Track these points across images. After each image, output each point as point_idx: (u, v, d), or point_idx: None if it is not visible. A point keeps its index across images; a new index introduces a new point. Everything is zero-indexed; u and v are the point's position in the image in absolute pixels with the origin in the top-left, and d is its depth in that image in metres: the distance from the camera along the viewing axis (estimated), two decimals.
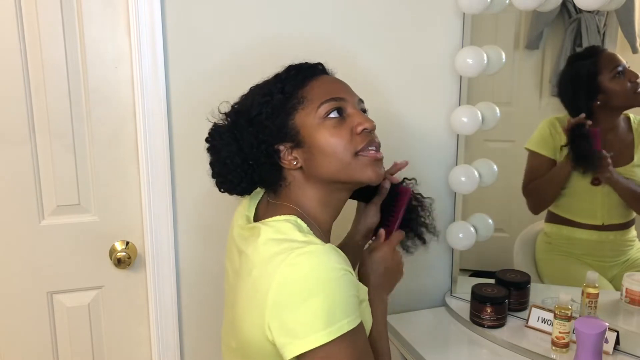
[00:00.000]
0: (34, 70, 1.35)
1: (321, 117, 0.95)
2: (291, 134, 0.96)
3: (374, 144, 0.97)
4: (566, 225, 1.67)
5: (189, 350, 1.56)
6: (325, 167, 0.95)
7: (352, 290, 0.86)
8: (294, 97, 0.97)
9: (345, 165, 0.95)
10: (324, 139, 0.95)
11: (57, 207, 1.43)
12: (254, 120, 0.97)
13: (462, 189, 1.59)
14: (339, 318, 0.83)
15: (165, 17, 1.36)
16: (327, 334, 0.81)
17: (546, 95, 1.78)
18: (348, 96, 0.99)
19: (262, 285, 0.86)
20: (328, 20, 1.48)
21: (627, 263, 1.64)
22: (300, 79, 0.99)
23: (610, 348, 1.33)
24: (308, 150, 0.96)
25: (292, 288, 0.83)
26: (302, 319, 0.82)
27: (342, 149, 0.95)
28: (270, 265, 0.85)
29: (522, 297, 1.55)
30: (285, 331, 0.83)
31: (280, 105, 0.97)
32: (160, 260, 1.47)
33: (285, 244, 0.87)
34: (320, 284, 0.83)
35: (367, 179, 0.97)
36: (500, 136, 1.69)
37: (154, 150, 1.40)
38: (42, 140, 1.38)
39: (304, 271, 0.83)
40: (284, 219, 0.93)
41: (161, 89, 1.38)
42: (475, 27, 1.57)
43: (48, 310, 1.47)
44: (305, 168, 0.97)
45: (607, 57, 1.59)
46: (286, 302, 0.83)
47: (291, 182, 0.99)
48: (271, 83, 1.00)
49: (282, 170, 0.98)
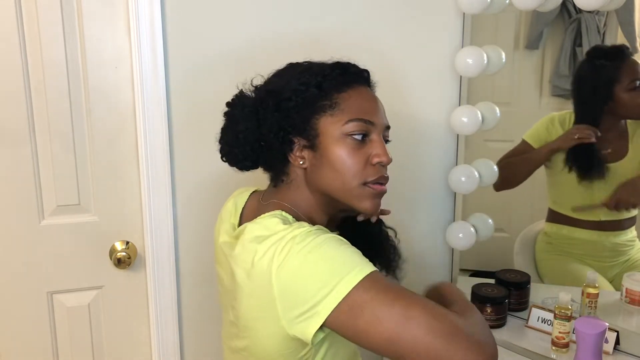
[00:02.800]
0: (34, 70, 1.35)
1: (345, 133, 0.93)
2: (310, 132, 0.94)
3: (383, 178, 0.96)
4: (566, 225, 1.67)
5: (189, 350, 1.56)
6: (327, 181, 0.94)
7: (350, 248, 0.85)
8: (328, 98, 0.94)
9: (348, 189, 0.94)
10: (338, 155, 0.93)
11: (57, 207, 1.43)
12: (282, 105, 0.94)
13: (462, 189, 1.59)
14: (352, 267, 0.82)
15: (165, 17, 1.36)
16: (347, 282, 0.80)
17: (546, 95, 1.78)
18: (378, 121, 0.96)
19: (262, 289, 0.85)
20: (328, 20, 1.48)
21: (628, 263, 1.64)
22: (341, 82, 0.95)
23: (610, 348, 1.33)
24: (319, 157, 0.94)
25: (296, 270, 0.82)
26: (312, 290, 0.81)
27: (352, 173, 0.93)
28: (264, 261, 0.84)
29: (522, 297, 1.54)
30: (306, 304, 0.81)
31: (311, 100, 0.94)
32: (160, 260, 1.47)
33: (273, 237, 0.86)
34: (319, 252, 0.82)
35: (363, 209, 0.96)
36: (500, 136, 1.69)
37: (154, 150, 1.40)
38: (42, 140, 1.38)
39: (298, 251, 0.83)
40: (270, 214, 0.92)
41: (161, 89, 1.38)
42: (475, 27, 1.57)
43: (48, 310, 1.47)
44: (308, 171, 0.96)
45: (630, 66, 1.54)
46: (296, 285, 0.82)
47: (293, 180, 0.98)
48: (312, 72, 0.96)
49: (288, 164, 0.97)
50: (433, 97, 1.60)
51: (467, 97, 1.61)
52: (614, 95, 1.54)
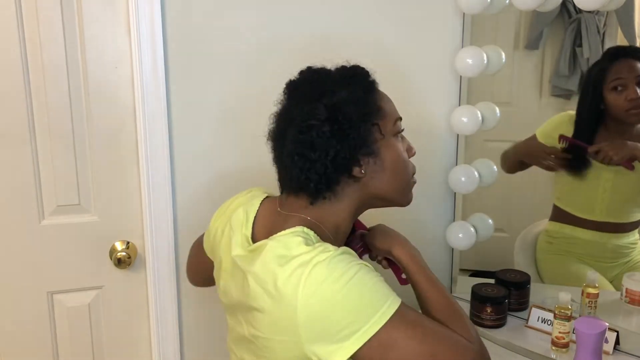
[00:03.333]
0: (34, 71, 1.35)
1: (395, 132, 0.97)
2: (368, 142, 0.92)
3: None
4: (569, 224, 1.67)
5: (189, 350, 1.56)
6: (386, 183, 0.96)
7: (376, 277, 0.86)
8: (373, 102, 0.95)
9: (406, 185, 0.99)
10: (397, 156, 0.96)
11: (57, 207, 1.43)
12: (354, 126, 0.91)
13: (462, 189, 1.59)
14: (381, 304, 0.83)
15: (165, 17, 1.37)
16: (375, 321, 0.81)
17: (546, 95, 1.78)
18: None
19: (285, 314, 0.84)
20: (327, 20, 1.48)
21: (629, 264, 1.64)
22: (372, 85, 0.98)
23: (610, 348, 1.33)
24: (379, 162, 0.94)
25: (320, 307, 0.82)
26: (342, 324, 0.81)
27: (406, 170, 0.98)
28: (288, 286, 0.83)
29: (522, 297, 1.54)
30: (330, 342, 0.82)
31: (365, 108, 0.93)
32: (160, 260, 1.47)
33: (296, 260, 0.84)
34: (347, 285, 0.82)
35: (408, 201, 1.02)
36: (500, 136, 1.69)
37: (154, 150, 1.40)
38: (43, 140, 1.38)
39: (326, 281, 0.82)
40: (291, 232, 0.90)
41: (161, 89, 1.38)
42: (475, 27, 1.57)
43: (48, 310, 1.47)
44: (364, 180, 0.94)
45: (617, 67, 1.54)
46: (323, 316, 0.82)
47: (338, 194, 0.94)
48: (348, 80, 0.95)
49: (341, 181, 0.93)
50: (433, 97, 1.60)
51: (467, 97, 1.61)
52: (601, 95, 1.54)
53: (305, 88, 0.96)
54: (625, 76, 1.51)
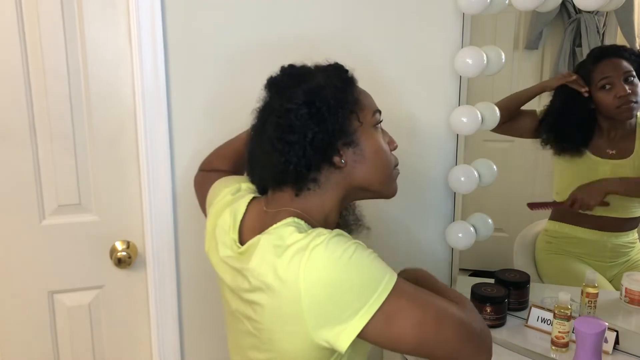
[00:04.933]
0: (34, 71, 1.35)
1: (374, 123, 0.98)
2: (347, 132, 0.94)
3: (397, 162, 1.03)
4: (569, 223, 1.67)
5: (189, 350, 1.56)
6: (368, 173, 0.97)
7: (372, 254, 0.87)
8: (352, 93, 0.97)
9: (387, 176, 0.99)
10: (377, 146, 0.97)
11: (58, 207, 1.43)
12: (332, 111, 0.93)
13: (462, 189, 1.59)
14: (380, 279, 0.84)
15: (166, 17, 1.37)
16: (378, 296, 0.83)
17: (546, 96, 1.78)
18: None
19: (288, 302, 0.84)
20: (327, 19, 1.48)
21: (628, 264, 1.64)
22: (351, 79, 0.99)
23: (610, 348, 1.33)
24: (359, 152, 0.95)
25: (323, 290, 0.82)
26: (346, 303, 0.82)
27: (387, 161, 0.99)
28: (288, 274, 0.84)
29: (522, 296, 1.55)
30: (335, 323, 0.83)
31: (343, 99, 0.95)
32: (160, 260, 1.47)
33: (292, 247, 0.85)
34: (344, 270, 0.83)
35: (392, 192, 1.02)
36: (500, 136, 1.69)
37: (154, 150, 1.41)
38: (43, 141, 1.39)
39: (324, 264, 0.83)
40: (283, 224, 0.91)
41: (161, 89, 1.38)
42: (475, 27, 1.57)
43: (48, 310, 1.47)
44: (345, 170, 0.95)
45: (601, 67, 1.56)
46: (325, 308, 0.83)
47: (318, 186, 0.94)
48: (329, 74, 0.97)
49: (320, 171, 0.94)
50: (433, 97, 1.60)
51: (466, 97, 1.61)
52: (590, 94, 1.56)
53: (284, 80, 0.98)
54: (611, 74, 1.54)
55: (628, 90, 1.52)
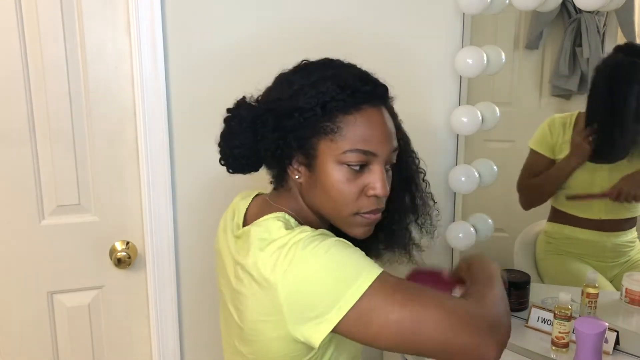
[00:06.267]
0: (34, 71, 1.35)
1: (343, 161, 0.89)
2: (309, 152, 0.91)
3: (376, 210, 0.93)
4: (568, 224, 1.67)
5: (189, 350, 1.56)
6: (320, 203, 0.93)
7: (355, 250, 0.85)
8: (332, 120, 0.89)
9: (339, 216, 0.93)
10: (333, 182, 0.90)
11: (58, 207, 1.43)
12: (282, 123, 0.90)
13: (462, 189, 1.59)
14: (358, 274, 0.82)
15: (165, 17, 1.37)
16: (355, 290, 0.81)
17: (546, 95, 1.78)
18: (381, 151, 0.91)
19: (268, 295, 0.85)
20: (327, 19, 1.48)
21: (628, 264, 1.64)
22: (349, 104, 0.89)
23: (610, 348, 1.33)
24: (314, 178, 0.92)
25: (302, 276, 0.82)
26: (320, 298, 0.82)
27: (345, 202, 0.91)
28: (269, 267, 0.85)
29: (522, 297, 1.55)
30: (313, 312, 0.82)
31: (314, 120, 0.89)
32: (160, 260, 1.47)
33: (275, 243, 0.86)
34: (323, 258, 0.82)
35: (353, 235, 0.95)
36: (500, 136, 1.69)
37: (154, 150, 1.41)
38: (43, 140, 1.38)
39: (303, 258, 0.83)
40: (273, 216, 0.93)
41: (161, 89, 1.38)
42: (475, 27, 1.57)
43: (48, 310, 1.47)
44: (303, 187, 0.95)
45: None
46: (302, 292, 0.82)
47: (291, 187, 0.98)
48: (320, 88, 0.90)
49: (285, 174, 0.96)
50: (433, 97, 1.60)
51: (467, 97, 1.61)
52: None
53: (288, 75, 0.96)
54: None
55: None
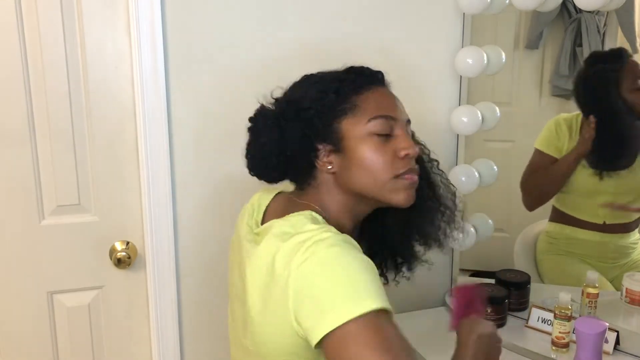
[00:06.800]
0: (34, 71, 1.35)
1: (369, 131, 0.94)
2: (334, 137, 0.95)
3: (413, 170, 0.96)
4: (569, 225, 1.67)
5: (189, 350, 1.56)
6: (359, 180, 0.95)
7: (373, 274, 0.84)
8: (347, 101, 0.95)
9: (381, 185, 0.94)
10: (366, 154, 0.94)
11: (58, 207, 1.43)
12: (302, 114, 0.95)
13: (462, 189, 1.59)
14: (363, 297, 0.80)
15: (165, 17, 1.37)
16: (350, 310, 0.79)
17: (546, 95, 1.78)
18: (399, 116, 0.98)
19: (279, 279, 0.85)
20: (327, 19, 1.48)
21: (629, 264, 1.64)
22: (358, 85, 0.97)
23: (610, 348, 1.33)
24: (347, 158, 0.95)
25: (312, 275, 0.82)
26: (325, 299, 0.81)
27: (382, 169, 0.94)
28: (285, 259, 0.85)
29: (522, 297, 1.55)
30: (311, 315, 0.82)
31: (331, 105, 0.95)
32: (160, 260, 1.47)
33: (298, 236, 0.86)
34: (338, 266, 0.82)
35: (398, 202, 0.96)
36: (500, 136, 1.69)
37: (154, 150, 1.40)
38: (43, 140, 1.38)
39: (320, 257, 0.83)
40: (299, 213, 0.93)
41: (161, 89, 1.38)
42: (475, 27, 1.57)
43: (48, 310, 1.47)
44: (338, 175, 0.96)
45: (631, 66, 1.54)
46: (308, 290, 0.82)
47: (320, 183, 0.98)
48: (327, 80, 0.98)
49: (315, 169, 0.98)
50: (433, 97, 1.60)
51: (467, 97, 1.61)
52: (620, 96, 1.52)
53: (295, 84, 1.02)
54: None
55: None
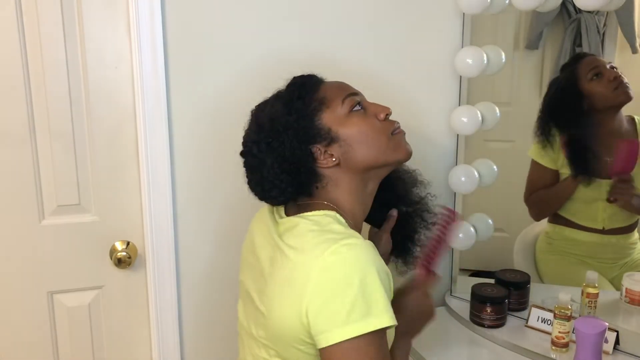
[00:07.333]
0: (34, 71, 1.35)
1: (347, 112, 1.01)
2: (321, 134, 1.00)
3: (398, 124, 1.06)
4: (569, 227, 1.67)
5: (189, 350, 1.56)
6: (363, 154, 1.00)
7: (388, 285, 0.89)
8: (313, 100, 1.01)
9: (384, 147, 1.01)
10: (358, 128, 1.00)
11: (58, 207, 1.43)
12: (289, 124, 1.00)
13: (462, 189, 1.59)
14: (375, 314, 0.85)
15: (165, 17, 1.37)
16: (361, 328, 0.84)
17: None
18: (358, 91, 1.06)
19: (300, 273, 0.88)
20: (328, 20, 1.48)
21: (628, 264, 1.64)
22: (310, 85, 1.04)
23: (610, 348, 1.33)
24: (344, 142, 1.00)
25: (334, 275, 0.85)
26: (341, 308, 0.84)
27: (377, 134, 1.01)
28: (312, 254, 0.87)
29: (522, 297, 1.55)
30: (323, 319, 0.85)
31: (302, 109, 1.01)
32: (160, 260, 1.47)
33: (327, 234, 0.90)
34: (361, 276, 0.85)
35: (402, 157, 1.04)
36: (500, 136, 1.69)
37: (154, 150, 1.41)
38: (43, 140, 1.38)
39: (346, 261, 0.86)
40: (324, 214, 0.97)
41: (161, 89, 1.38)
42: (475, 27, 1.57)
43: (48, 310, 1.47)
44: (342, 162, 1.00)
45: (585, 62, 1.59)
46: (327, 289, 0.85)
47: (327, 182, 1.01)
48: (284, 94, 1.04)
49: (317, 172, 1.01)
50: (433, 97, 1.60)
51: (467, 97, 1.61)
52: (581, 92, 1.57)
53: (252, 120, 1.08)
54: (597, 64, 1.57)
55: (617, 73, 1.55)
